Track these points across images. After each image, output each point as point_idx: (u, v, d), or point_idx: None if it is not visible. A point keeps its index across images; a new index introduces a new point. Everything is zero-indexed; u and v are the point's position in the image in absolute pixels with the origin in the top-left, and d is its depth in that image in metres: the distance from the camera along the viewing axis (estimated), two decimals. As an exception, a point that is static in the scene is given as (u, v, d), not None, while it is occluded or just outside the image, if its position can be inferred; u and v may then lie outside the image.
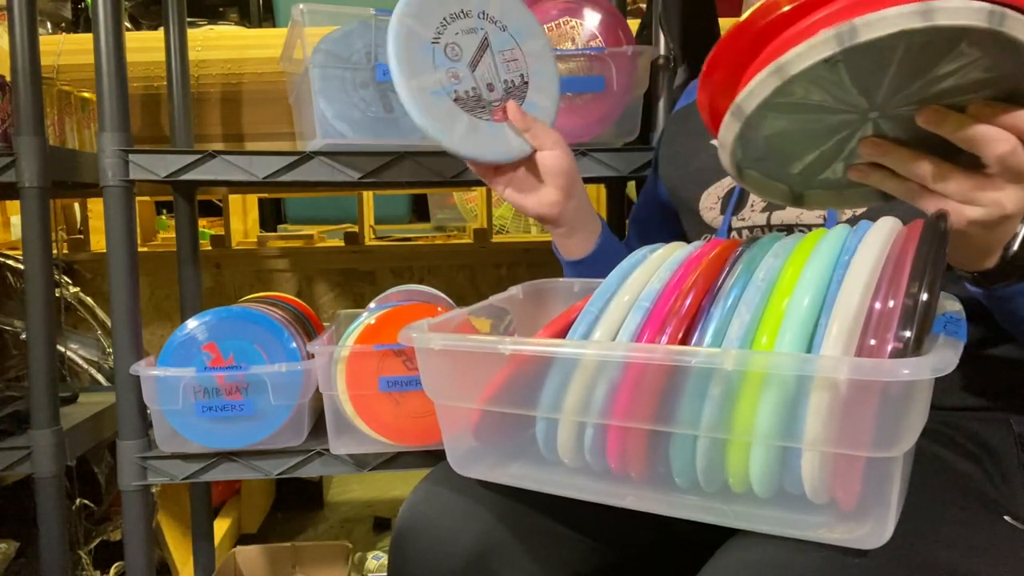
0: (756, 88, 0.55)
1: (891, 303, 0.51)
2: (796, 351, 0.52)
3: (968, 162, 0.57)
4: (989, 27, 0.50)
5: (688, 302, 0.58)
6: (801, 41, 0.52)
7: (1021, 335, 0.71)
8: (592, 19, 1.17)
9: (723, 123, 0.58)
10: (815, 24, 0.53)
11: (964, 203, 0.57)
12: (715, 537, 0.61)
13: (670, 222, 1.03)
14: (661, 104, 1.24)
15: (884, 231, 0.57)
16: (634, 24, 1.32)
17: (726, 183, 0.90)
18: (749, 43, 0.57)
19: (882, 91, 0.57)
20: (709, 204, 0.91)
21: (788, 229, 0.83)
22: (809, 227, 0.81)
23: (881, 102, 0.58)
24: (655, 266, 0.64)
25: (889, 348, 0.50)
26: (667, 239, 1.02)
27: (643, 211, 1.10)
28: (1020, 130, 0.55)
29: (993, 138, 0.55)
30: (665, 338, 0.57)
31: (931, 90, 0.57)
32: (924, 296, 0.50)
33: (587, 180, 1.20)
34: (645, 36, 1.30)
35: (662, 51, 1.24)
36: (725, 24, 1.29)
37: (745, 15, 0.56)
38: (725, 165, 0.63)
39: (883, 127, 0.61)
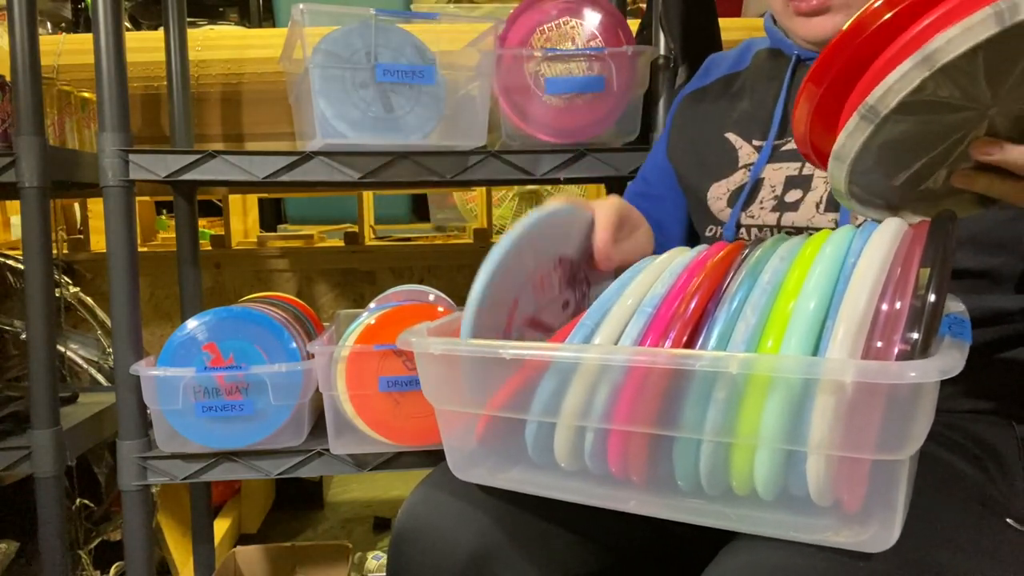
0: (898, 83, 0.48)
1: (898, 305, 0.51)
2: (803, 354, 0.52)
3: None
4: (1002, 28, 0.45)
5: (692, 306, 0.58)
6: (950, 24, 0.46)
7: None
8: (592, 19, 1.17)
9: (847, 129, 0.52)
10: (964, 4, 0.47)
11: None
12: (714, 539, 0.61)
13: (675, 197, 1.01)
14: (661, 104, 1.24)
15: (890, 232, 0.56)
16: (634, 24, 1.31)
17: (737, 178, 0.89)
18: (870, 40, 0.51)
19: (1009, 82, 0.51)
20: (717, 195, 0.90)
21: (798, 231, 0.82)
22: (819, 231, 0.81)
23: (1005, 96, 0.53)
24: (658, 271, 0.63)
25: (896, 350, 0.49)
26: (670, 214, 1.01)
27: (641, 185, 1.06)
28: None
29: None
30: (669, 342, 0.57)
31: None
32: (932, 297, 0.50)
33: (587, 180, 1.20)
34: (645, 36, 1.30)
35: (662, 51, 1.24)
36: (725, 24, 1.29)
37: (865, 9, 0.50)
38: (836, 180, 0.57)
39: (997, 125, 0.56)
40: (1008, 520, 0.66)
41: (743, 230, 0.86)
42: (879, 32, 0.51)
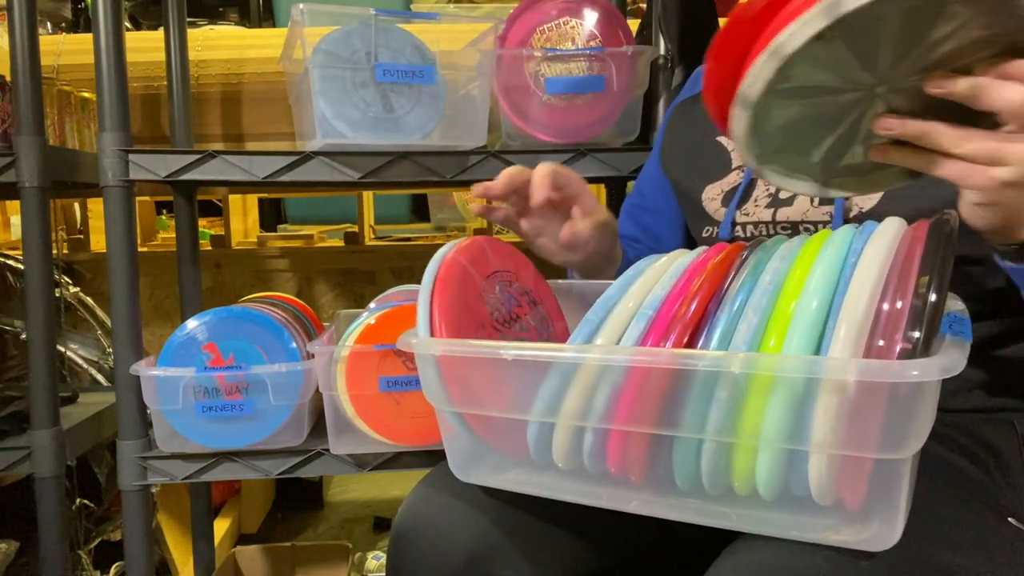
0: (757, 74, 0.54)
1: (899, 304, 0.51)
2: (805, 354, 0.52)
3: (987, 128, 0.56)
4: None
5: (693, 307, 0.58)
6: (793, 20, 0.52)
7: None
8: (592, 19, 1.17)
9: (731, 116, 0.57)
10: (805, 1, 0.52)
11: (991, 164, 0.55)
12: (715, 538, 0.61)
13: (670, 208, 1.01)
14: (661, 104, 1.24)
15: (890, 232, 0.56)
16: (634, 24, 1.32)
17: (731, 179, 0.89)
18: (747, 29, 0.56)
19: (883, 63, 0.56)
20: (711, 196, 0.90)
21: (793, 226, 0.82)
22: (815, 224, 0.81)
23: (885, 75, 0.57)
24: (658, 274, 0.63)
25: (898, 349, 0.49)
26: (666, 224, 1.01)
27: (637, 198, 1.08)
28: None
29: (1006, 92, 0.53)
30: (670, 344, 0.57)
31: (932, 56, 0.55)
32: (933, 296, 0.50)
33: (587, 180, 1.20)
34: (645, 36, 1.30)
35: (662, 51, 1.24)
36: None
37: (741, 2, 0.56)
38: (744, 161, 0.61)
39: (894, 103, 0.59)
40: (1010, 519, 0.66)
41: (739, 228, 0.86)
42: (754, 22, 0.56)
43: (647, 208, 1.04)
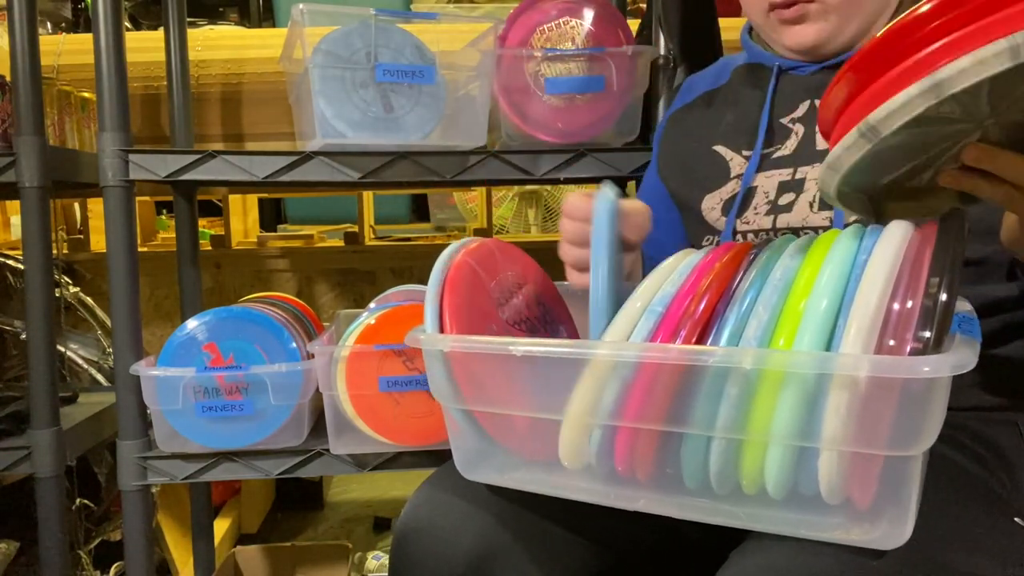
0: (901, 108, 0.48)
1: (910, 303, 0.51)
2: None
3: None
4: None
5: (703, 305, 0.57)
6: (962, 53, 0.46)
7: None
8: (592, 19, 1.17)
9: (845, 143, 0.52)
10: (978, 33, 0.46)
11: None
12: (721, 540, 0.61)
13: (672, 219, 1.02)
14: (661, 104, 1.24)
15: (900, 231, 0.56)
16: (634, 24, 1.31)
17: (730, 187, 0.89)
18: (904, 47, 0.49)
19: (1009, 100, 0.51)
20: (711, 205, 0.91)
21: (794, 232, 0.82)
22: (815, 230, 0.81)
23: (1003, 110, 0.52)
24: (667, 273, 0.63)
25: (908, 348, 0.49)
26: (669, 235, 1.01)
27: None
28: None
29: None
30: (679, 341, 0.57)
31: None
32: (944, 296, 0.49)
33: (587, 180, 1.20)
34: (645, 36, 1.30)
35: (662, 51, 1.24)
36: (725, 24, 1.29)
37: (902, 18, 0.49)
38: (826, 186, 0.57)
39: (991, 133, 0.55)
40: (1016, 519, 0.66)
41: (739, 236, 0.86)
42: (914, 43, 0.49)
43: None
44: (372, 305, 1.18)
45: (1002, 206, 0.59)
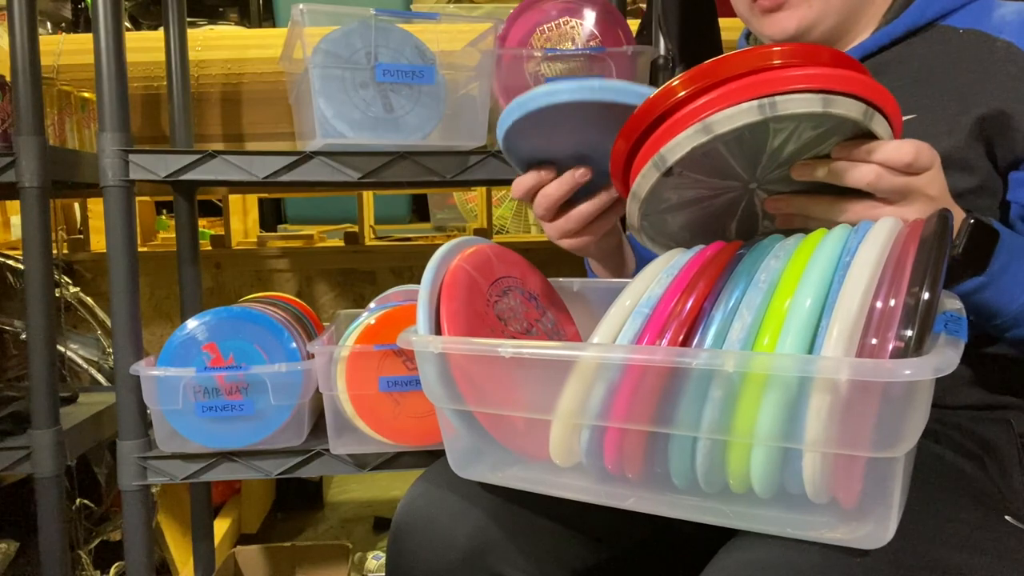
0: (684, 139, 0.61)
1: (892, 302, 0.51)
2: (798, 352, 0.52)
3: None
4: (764, 118, 0.58)
5: (689, 305, 0.58)
6: (726, 106, 0.59)
7: (995, 331, 0.70)
8: (592, 19, 1.17)
9: (642, 172, 0.64)
10: (742, 90, 0.59)
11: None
12: (714, 534, 0.61)
13: None
14: (661, 104, 1.24)
15: (885, 230, 0.57)
16: (634, 24, 1.31)
17: None
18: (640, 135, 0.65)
19: (744, 171, 0.66)
20: None
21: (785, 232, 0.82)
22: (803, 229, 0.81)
23: (751, 177, 0.67)
24: (655, 272, 0.64)
25: (890, 347, 0.49)
26: None
27: None
28: (876, 158, 0.61)
29: (858, 173, 0.62)
30: (665, 342, 0.57)
31: (783, 156, 0.64)
32: (925, 295, 0.50)
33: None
34: (645, 36, 1.30)
35: (662, 51, 1.24)
36: (725, 24, 1.29)
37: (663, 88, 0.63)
38: (631, 215, 0.69)
39: (773, 189, 0.69)
40: (1007, 517, 0.66)
41: None
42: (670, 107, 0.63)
43: None
44: (372, 305, 1.18)
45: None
